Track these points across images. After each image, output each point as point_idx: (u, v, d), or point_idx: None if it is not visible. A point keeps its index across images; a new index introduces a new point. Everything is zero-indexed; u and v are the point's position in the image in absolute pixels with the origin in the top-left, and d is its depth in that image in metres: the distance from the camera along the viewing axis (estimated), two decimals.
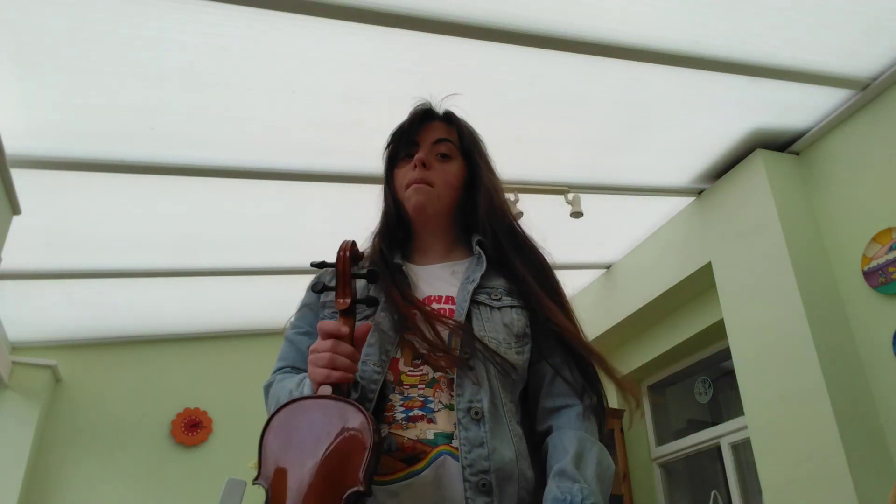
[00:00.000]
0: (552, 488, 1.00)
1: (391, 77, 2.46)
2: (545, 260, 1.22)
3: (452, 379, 1.04)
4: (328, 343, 0.98)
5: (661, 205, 3.57)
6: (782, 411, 2.76)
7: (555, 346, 1.14)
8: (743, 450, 3.49)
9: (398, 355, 1.07)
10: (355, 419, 0.94)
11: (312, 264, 1.09)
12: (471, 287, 1.12)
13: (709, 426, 3.77)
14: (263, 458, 0.96)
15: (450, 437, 1.00)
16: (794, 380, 2.72)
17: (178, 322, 4.37)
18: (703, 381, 3.98)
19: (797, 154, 3.10)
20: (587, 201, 3.17)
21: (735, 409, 3.53)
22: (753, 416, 2.91)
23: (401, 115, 1.33)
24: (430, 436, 1.00)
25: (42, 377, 4.01)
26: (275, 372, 1.21)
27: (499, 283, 1.16)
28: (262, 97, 2.49)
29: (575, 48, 2.37)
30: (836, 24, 2.39)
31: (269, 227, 3.32)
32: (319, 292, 1.11)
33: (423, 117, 1.30)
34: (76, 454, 4.04)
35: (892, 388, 2.55)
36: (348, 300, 1.04)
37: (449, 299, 1.13)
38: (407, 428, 1.00)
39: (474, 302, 1.11)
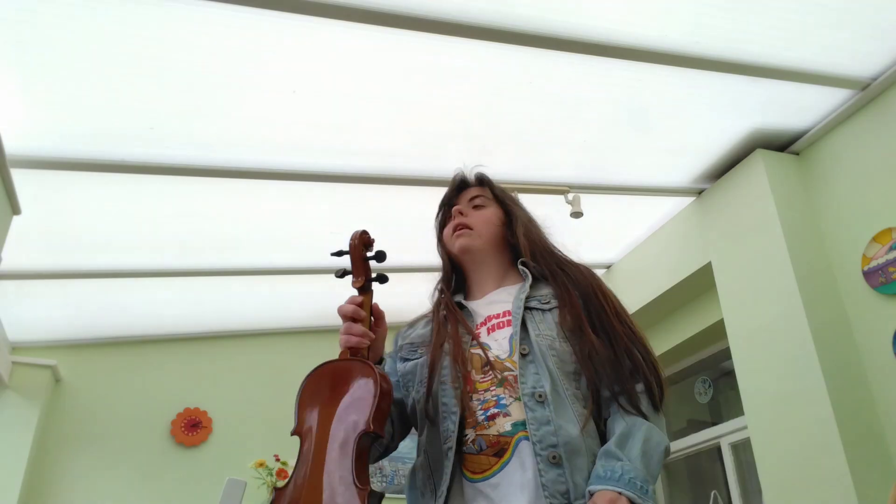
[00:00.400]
0: (597, 467, 1.10)
1: (391, 77, 2.46)
2: (582, 267, 1.38)
3: (517, 375, 1.19)
4: (345, 325, 1.24)
5: (661, 205, 3.57)
6: (782, 411, 2.76)
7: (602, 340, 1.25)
8: (743, 450, 3.49)
9: (469, 368, 1.24)
10: (363, 373, 1.14)
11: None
12: (523, 296, 1.29)
13: (709, 426, 3.77)
14: (297, 415, 1.15)
15: (524, 423, 1.14)
16: (794, 380, 2.72)
17: (178, 322, 4.36)
18: (703, 381, 3.98)
19: (797, 154, 3.10)
20: (587, 201, 3.17)
21: (735, 409, 3.53)
22: (753, 416, 2.91)
23: (400, 115, 1.38)
24: (509, 427, 1.14)
25: (42, 377, 4.00)
26: None
27: (547, 291, 1.32)
28: (262, 97, 2.49)
29: (575, 48, 2.36)
30: (836, 24, 2.39)
31: (269, 227, 3.32)
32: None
33: (460, 187, 1.51)
34: (76, 454, 4.04)
35: (892, 388, 2.55)
36: (362, 279, 1.27)
37: (506, 313, 1.30)
38: (489, 426, 1.15)
39: (528, 309, 1.27)
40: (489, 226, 1.43)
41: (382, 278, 1.30)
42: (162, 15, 2.08)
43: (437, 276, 1.49)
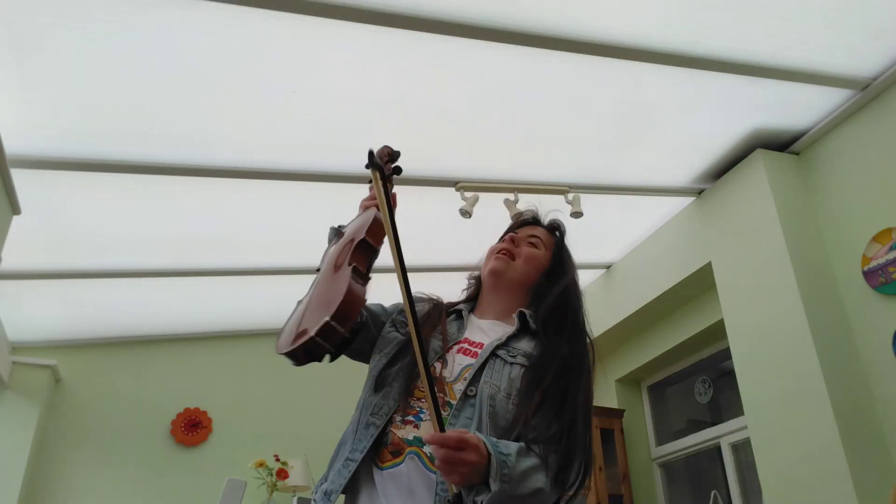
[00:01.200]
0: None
1: (391, 77, 2.46)
2: (587, 346, 1.37)
3: (448, 402, 1.24)
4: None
5: (661, 205, 3.57)
6: (782, 411, 2.76)
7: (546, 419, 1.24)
8: (743, 450, 3.49)
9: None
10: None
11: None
12: (496, 342, 1.31)
13: (709, 426, 3.77)
14: None
15: (423, 442, 1.19)
16: (794, 380, 2.72)
17: (178, 322, 4.36)
18: (703, 381, 3.98)
19: (797, 154, 3.11)
20: (587, 201, 3.17)
21: (735, 409, 3.53)
22: (753, 416, 2.91)
23: (400, 115, 1.39)
24: (411, 437, 1.21)
25: (42, 377, 4.01)
26: None
27: (522, 347, 1.32)
28: (262, 97, 2.49)
29: (575, 48, 2.37)
30: (836, 24, 2.39)
31: (269, 227, 3.32)
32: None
33: (531, 222, 1.55)
34: (76, 454, 4.04)
35: (892, 388, 2.55)
36: (384, 172, 1.43)
37: (480, 345, 1.33)
38: (401, 428, 1.22)
39: (494, 354, 1.29)
40: (529, 264, 1.43)
41: (398, 169, 1.50)
42: (161, 15, 2.08)
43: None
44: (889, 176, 2.66)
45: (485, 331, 1.38)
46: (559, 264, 1.46)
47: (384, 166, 1.46)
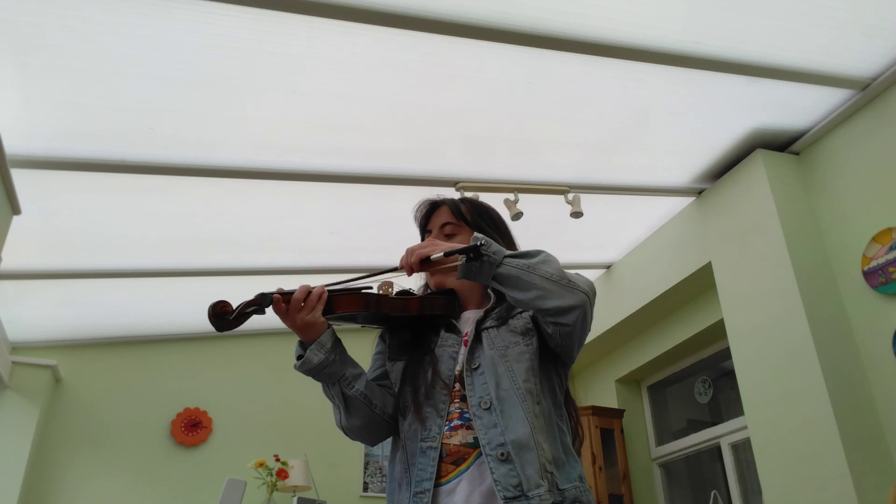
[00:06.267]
0: None
1: (391, 77, 2.46)
2: None
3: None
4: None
5: (661, 205, 3.57)
6: (782, 411, 2.76)
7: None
8: (743, 450, 3.49)
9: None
10: None
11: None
12: (477, 320, 1.35)
13: (709, 426, 3.78)
14: None
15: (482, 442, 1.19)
16: (794, 380, 2.72)
17: (178, 322, 4.36)
18: (703, 381, 3.98)
19: (797, 154, 3.11)
20: (587, 201, 3.17)
21: (735, 409, 3.53)
22: (753, 416, 2.91)
23: (400, 115, 1.36)
24: (471, 440, 1.21)
25: (42, 377, 4.01)
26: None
27: (502, 306, 1.37)
28: (262, 97, 2.49)
29: (575, 48, 2.37)
30: (836, 24, 2.39)
31: (269, 227, 3.32)
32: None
33: (430, 209, 1.52)
34: (76, 454, 4.04)
35: (892, 388, 2.55)
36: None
37: (468, 333, 1.37)
38: (451, 437, 1.22)
39: (485, 329, 1.33)
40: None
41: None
42: (162, 15, 2.08)
43: None
44: (889, 176, 2.66)
45: (470, 320, 1.39)
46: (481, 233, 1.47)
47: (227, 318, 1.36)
